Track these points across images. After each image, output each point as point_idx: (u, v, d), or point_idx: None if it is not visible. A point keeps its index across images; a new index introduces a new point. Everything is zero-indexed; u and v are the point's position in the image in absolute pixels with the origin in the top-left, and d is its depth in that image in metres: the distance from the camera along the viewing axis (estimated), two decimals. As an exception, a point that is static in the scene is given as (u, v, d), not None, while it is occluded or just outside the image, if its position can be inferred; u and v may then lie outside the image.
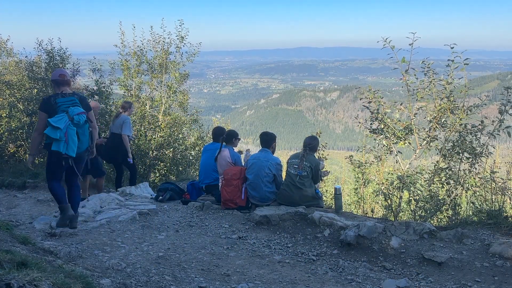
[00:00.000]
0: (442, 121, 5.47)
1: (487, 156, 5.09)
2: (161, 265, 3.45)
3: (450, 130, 5.37)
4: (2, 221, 4.17)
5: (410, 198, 5.37)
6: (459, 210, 5.10)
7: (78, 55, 12.26)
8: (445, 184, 5.31)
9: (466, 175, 5.13)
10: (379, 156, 6.43)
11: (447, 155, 5.41)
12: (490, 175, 4.78)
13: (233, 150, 5.78)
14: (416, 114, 5.75)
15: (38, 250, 3.25)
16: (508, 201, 4.76)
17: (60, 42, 10.86)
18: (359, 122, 6.25)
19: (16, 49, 12.83)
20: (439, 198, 5.29)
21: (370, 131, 6.05)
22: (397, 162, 6.04)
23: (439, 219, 5.35)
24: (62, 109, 4.11)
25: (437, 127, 5.51)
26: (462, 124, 5.26)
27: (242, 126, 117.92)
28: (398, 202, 5.66)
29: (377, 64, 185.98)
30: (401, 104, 5.87)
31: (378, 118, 5.85)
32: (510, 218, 4.10)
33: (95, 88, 10.68)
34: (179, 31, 10.93)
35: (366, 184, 8.07)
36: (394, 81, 8.07)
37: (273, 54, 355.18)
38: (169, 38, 11.00)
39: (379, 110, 5.86)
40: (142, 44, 11.10)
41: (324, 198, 7.23)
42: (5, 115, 10.17)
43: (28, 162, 4.59)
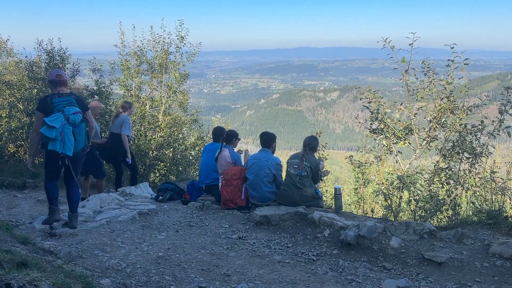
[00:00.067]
0: (442, 121, 5.47)
1: (487, 156, 5.09)
2: (161, 265, 3.45)
3: (450, 130, 5.37)
4: (2, 221, 4.18)
5: (410, 198, 5.37)
6: (459, 210, 5.09)
7: (78, 55, 12.26)
8: (445, 184, 5.31)
9: (466, 175, 5.13)
10: (379, 156, 6.43)
11: (447, 155, 5.41)
12: (490, 175, 4.78)
13: (233, 150, 5.79)
14: (416, 114, 5.75)
15: (38, 250, 3.25)
16: (508, 201, 4.76)
17: (60, 42, 10.88)
18: (359, 122, 6.25)
19: (16, 49, 12.85)
20: (439, 198, 5.28)
21: (370, 131, 6.05)
22: (397, 162, 6.03)
23: (439, 219, 5.34)
24: (58, 109, 4.16)
25: (437, 127, 5.51)
26: (462, 124, 5.26)
27: (242, 126, 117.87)
28: (398, 202, 5.66)
29: (377, 64, 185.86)
30: (401, 104, 5.86)
31: (378, 118, 5.85)
32: (510, 218, 4.10)
33: (95, 88, 10.67)
34: (179, 31, 10.93)
35: (366, 184, 8.06)
36: (394, 81, 8.06)
37: (273, 54, 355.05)
38: (169, 38, 11.01)
39: (379, 110, 5.86)
40: (142, 44, 11.10)
41: (324, 198, 7.23)
42: (5, 115, 10.17)
43: (28, 162, 4.61)
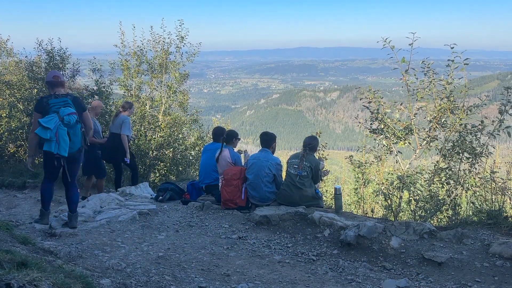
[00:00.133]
0: (442, 121, 5.47)
1: (487, 156, 5.08)
2: (161, 265, 3.45)
3: (450, 130, 5.37)
4: (2, 221, 4.18)
5: (410, 198, 5.36)
6: (459, 210, 5.09)
7: (78, 55, 12.26)
8: (445, 184, 5.31)
9: (466, 175, 5.13)
10: (379, 156, 6.42)
11: (447, 155, 5.41)
12: (490, 175, 4.78)
13: (233, 150, 5.79)
14: (416, 114, 5.75)
15: (38, 250, 3.25)
16: (508, 201, 4.76)
17: (60, 42, 10.88)
18: (359, 122, 6.25)
19: (16, 49, 12.86)
20: (439, 198, 5.28)
21: (370, 131, 6.05)
22: (397, 162, 6.03)
23: (439, 219, 5.34)
24: (54, 109, 4.20)
25: (437, 127, 5.51)
26: (462, 124, 5.26)
27: (242, 126, 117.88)
28: (398, 202, 5.66)
29: (377, 64, 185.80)
30: (401, 104, 5.86)
31: (378, 118, 5.85)
32: (510, 218, 4.10)
33: (95, 88, 10.67)
34: (179, 31, 10.92)
35: (366, 184, 8.06)
36: (394, 81, 8.06)
37: (273, 54, 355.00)
38: (169, 38, 10.99)
39: (379, 110, 5.86)
40: (142, 44, 11.09)
41: (324, 198, 7.23)
42: (5, 115, 10.17)
43: (27, 163, 4.64)
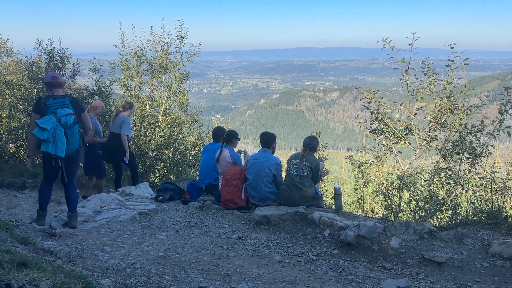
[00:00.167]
0: (442, 121, 5.47)
1: (487, 156, 5.08)
2: (161, 265, 3.45)
3: (450, 130, 5.37)
4: (2, 221, 4.18)
5: (410, 198, 5.36)
6: (459, 210, 5.09)
7: (78, 55, 12.27)
8: (445, 184, 5.31)
9: (466, 175, 5.13)
10: (379, 156, 6.42)
11: (447, 155, 5.41)
12: (490, 175, 4.78)
13: (233, 150, 5.79)
14: (416, 114, 5.75)
15: (38, 250, 3.25)
16: (508, 201, 4.76)
17: (60, 42, 10.90)
18: (359, 122, 6.25)
19: (16, 49, 12.86)
20: (439, 198, 5.28)
21: (370, 131, 6.05)
22: (397, 162, 6.03)
23: (439, 219, 5.34)
24: (51, 110, 4.21)
25: (437, 127, 5.50)
26: (462, 124, 5.26)
27: (242, 126, 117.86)
28: (398, 202, 5.66)
29: (377, 64, 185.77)
30: (401, 104, 5.86)
31: (378, 118, 5.85)
32: (510, 218, 4.10)
33: (95, 88, 10.68)
34: (179, 31, 10.92)
35: (366, 184, 8.06)
36: (394, 81, 8.06)
37: (273, 54, 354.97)
38: (169, 38, 11.00)
39: (379, 110, 5.86)
40: (142, 44, 11.10)
41: (324, 198, 7.23)
42: (5, 115, 10.18)
43: (27, 163, 4.64)
